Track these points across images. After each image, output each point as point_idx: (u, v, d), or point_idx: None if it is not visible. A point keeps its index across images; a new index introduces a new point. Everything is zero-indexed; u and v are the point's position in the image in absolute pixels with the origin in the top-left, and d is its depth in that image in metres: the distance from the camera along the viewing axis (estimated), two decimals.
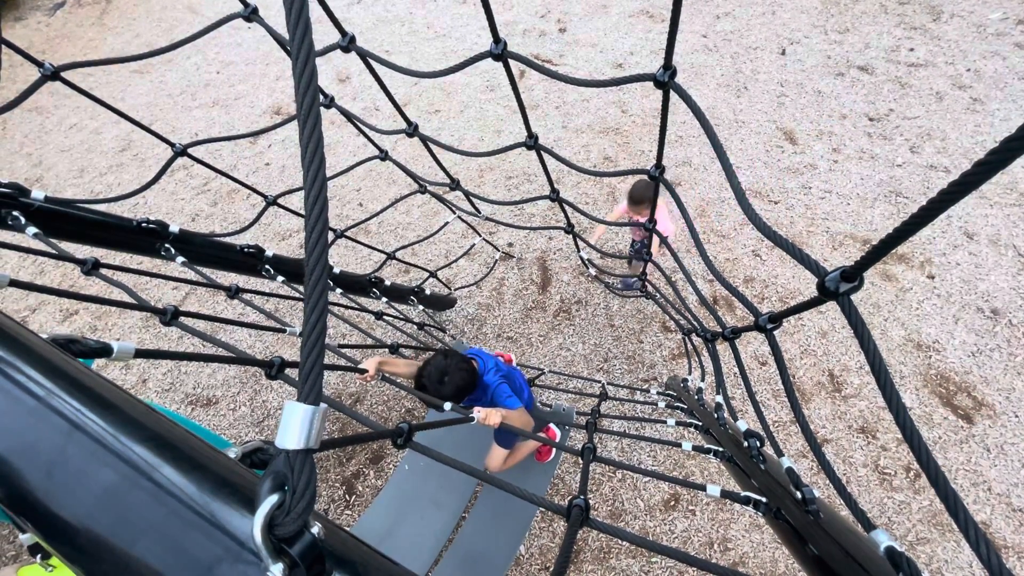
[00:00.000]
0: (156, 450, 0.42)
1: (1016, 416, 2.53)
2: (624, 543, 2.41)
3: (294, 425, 0.32)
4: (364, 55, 1.36)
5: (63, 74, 1.33)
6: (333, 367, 1.58)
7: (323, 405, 0.33)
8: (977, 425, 2.52)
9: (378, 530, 2.48)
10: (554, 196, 1.67)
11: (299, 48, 0.33)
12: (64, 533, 0.38)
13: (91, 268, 1.30)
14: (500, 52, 1.04)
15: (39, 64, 1.29)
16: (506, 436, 2.27)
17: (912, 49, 4.56)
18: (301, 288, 2.29)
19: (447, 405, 1.61)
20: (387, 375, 1.79)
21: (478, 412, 1.59)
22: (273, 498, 0.31)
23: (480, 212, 2.64)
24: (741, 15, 5.32)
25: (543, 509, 2.51)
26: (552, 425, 2.66)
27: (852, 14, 5.03)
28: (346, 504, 2.65)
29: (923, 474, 2.37)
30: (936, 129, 3.87)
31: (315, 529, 0.33)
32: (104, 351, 0.70)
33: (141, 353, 0.75)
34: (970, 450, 2.46)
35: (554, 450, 2.53)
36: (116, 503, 0.38)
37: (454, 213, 2.85)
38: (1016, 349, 2.74)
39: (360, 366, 1.77)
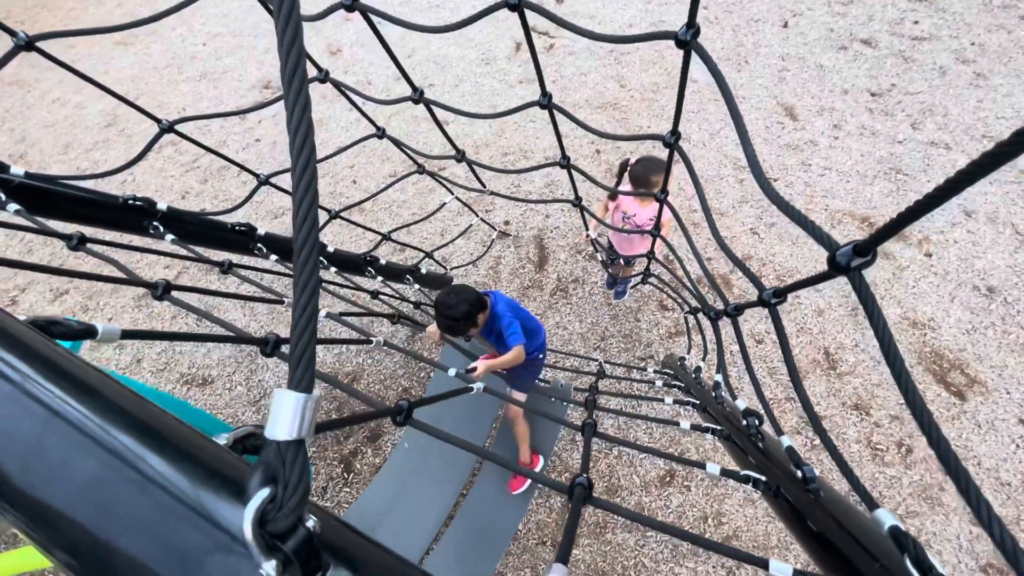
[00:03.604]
0: (141, 438, 0.40)
1: (1008, 393, 2.56)
2: (621, 518, 2.44)
3: (285, 414, 0.30)
4: (368, 11, 1.29)
5: (38, 44, 1.27)
6: (336, 341, 1.56)
7: (316, 392, 0.31)
8: (969, 402, 2.55)
9: (378, 508, 2.50)
10: (564, 163, 1.63)
11: (285, 14, 0.30)
12: (44, 527, 0.36)
13: (77, 243, 1.26)
14: (517, 2, 0.98)
15: (12, 33, 1.23)
16: (520, 382, 2.37)
17: (916, 22, 4.46)
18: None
19: (453, 369, 1.64)
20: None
21: (479, 363, 1.81)
22: (264, 492, 0.29)
23: (485, 186, 2.58)
24: None
25: (542, 486, 2.54)
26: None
27: None
28: (344, 482, 2.66)
29: (914, 450, 2.38)
30: (938, 105, 3.82)
31: (310, 523, 0.31)
32: (88, 333, 0.67)
33: (128, 334, 0.73)
34: (961, 426, 2.50)
35: (528, 481, 2.55)
36: (99, 494, 0.36)
37: (452, 194, 2.79)
38: (1010, 327, 2.76)
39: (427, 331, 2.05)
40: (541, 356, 2.35)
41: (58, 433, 0.39)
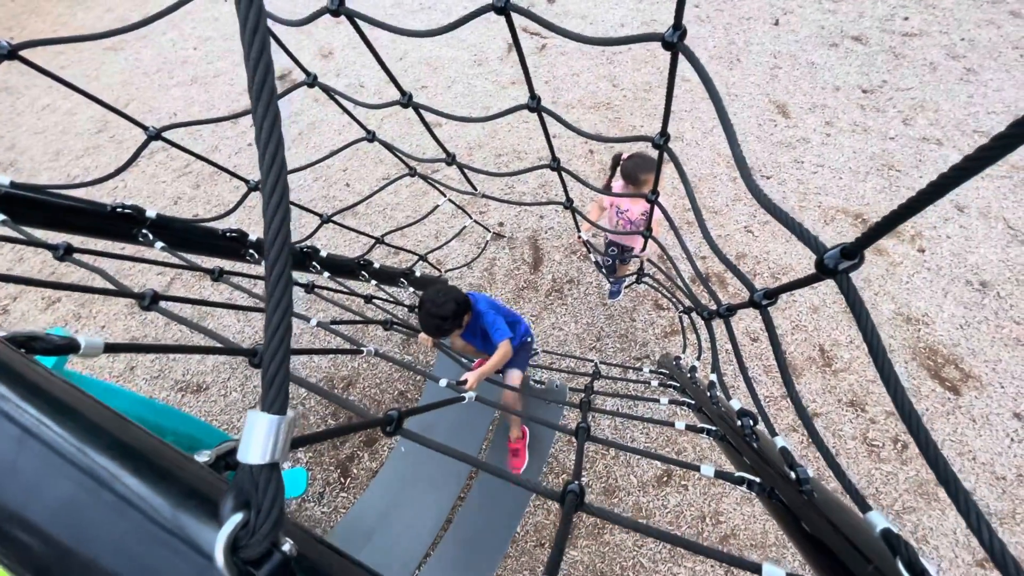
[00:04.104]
0: (118, 458, 0.39)
1: (1002, 387, 2.57)
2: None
3: (257, 437, 0.29)
4: (353, 16, 1.28)
5: (22, 53, 1.25)
6: (325, 351, 1.55)
7: (291, 413, 0.30)
8: (964, 397, 2.56)
9: (375, 513, 2.49)
10: (555, 165, 1.62)
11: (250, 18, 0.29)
12: (17, 550, 0.35)
13: (64, 253, 1.25)
14: (503, 5, 0.98)
15: None
16: (514, 361, 2.33)
17: (907, 18, 4.49)
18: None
19: (440, 375, 1.63)
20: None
21: (469, 375, 1.81)
22: (236, 517, 0.28)
23: (476, 189, 2.57)
24: None
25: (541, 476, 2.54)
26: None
27: None
28: (341, 487, 2.65)
29: (909, 446, 2.39)
30: (929, 100, 3.84)
31: (286, 547, 0.30)
32: (70, 347, 0.66)
33: (111, 348, 0.72)
34: (956, 421, 2.50)
35: (527, 460, 2.54)
36: (74, 517, 0.36)
37: (444, 196, 2.79)
38: (1003, 321, 2.77)
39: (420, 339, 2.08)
40: (529, 339, 2.39)
41: (33, 453, 0.39)
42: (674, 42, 0.81)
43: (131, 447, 0.40)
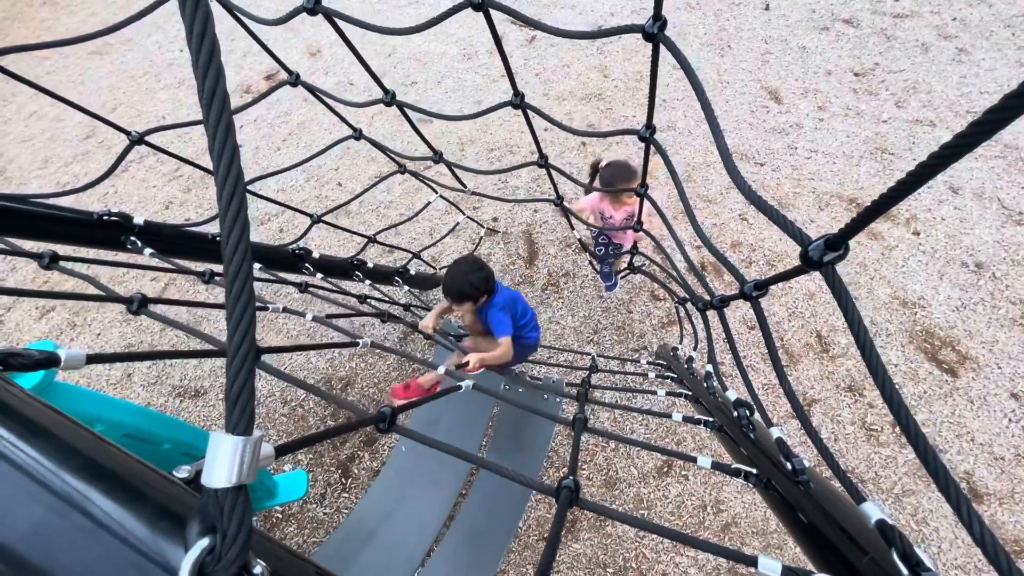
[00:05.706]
0: (91, 480, 0.38)
1: (999, 368, 2.57)
2: (621, 508, 2.45)
3: (222, 460, 0.28)
4: (331, 15, 1.26)
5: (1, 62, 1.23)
6: (320, 346, 1.54)
7: (258, 432, 0.29)
8: (961, 378, 2.57)
9: (378, 513, 2.49)
10: (542, 163, 1.61)
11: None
12: None
13: (49, 262, 1.23)
14: (481, 1, 0.96)
15: None
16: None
17: None
18: (280, 274, 2.23)
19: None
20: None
21: (472, 355, 1.84)
22: (203, 543, 0.27)
23: (466, 187, 2.56)
24: None
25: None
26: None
27: None
28: (343, 487, 2.65)
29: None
30: (922, 82, 3.81)
31: (257, 569, 0.29)
32: (51, 361, 0.65)
33: (94, 359, 0.71)
34: (954, 403, 2.51)
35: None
36: (45, 542, 0.35)
37: (436, 193, 2.77)
38: (999, 302, 2.77)
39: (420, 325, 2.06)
40: (533, 344, 2.36)
41: (3, 478, 0.38)
42: (654, 33, 0.80)
43: (104, 467, 0.39)
